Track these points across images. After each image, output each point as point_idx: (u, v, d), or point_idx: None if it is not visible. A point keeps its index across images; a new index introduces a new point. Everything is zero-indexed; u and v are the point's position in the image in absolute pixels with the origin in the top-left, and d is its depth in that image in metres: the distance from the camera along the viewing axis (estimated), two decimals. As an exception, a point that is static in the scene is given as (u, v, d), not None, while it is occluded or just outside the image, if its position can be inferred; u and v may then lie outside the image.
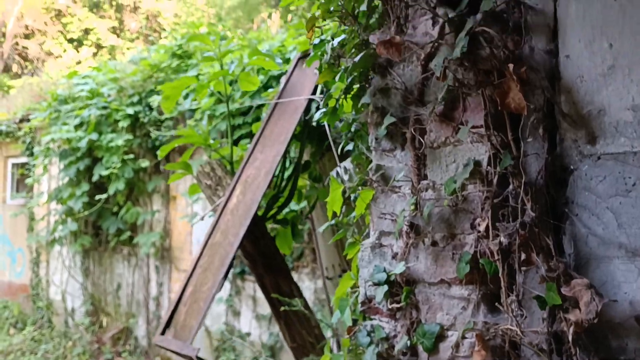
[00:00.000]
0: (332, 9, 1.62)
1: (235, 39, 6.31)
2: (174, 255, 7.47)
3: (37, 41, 27.40)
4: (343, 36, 1.71)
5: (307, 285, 5.91)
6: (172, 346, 2.29)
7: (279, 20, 12.76)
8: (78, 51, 26.95)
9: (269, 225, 2.89)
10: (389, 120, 1.55)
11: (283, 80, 3.22)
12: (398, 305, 1.52)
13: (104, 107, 7.47)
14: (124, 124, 7.12)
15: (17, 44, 27.08)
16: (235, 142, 4.38)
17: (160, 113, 7.07)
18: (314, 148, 2.78)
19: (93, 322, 8.24)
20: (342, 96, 1.68)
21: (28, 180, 8.61)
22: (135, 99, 7.30)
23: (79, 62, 25.68)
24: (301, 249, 5.86)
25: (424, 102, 1.57)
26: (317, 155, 2.81)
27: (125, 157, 7.19)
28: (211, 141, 2.82)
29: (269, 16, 13.58)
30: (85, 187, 7.73)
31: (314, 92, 2.63)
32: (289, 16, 13.00)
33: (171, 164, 2.89)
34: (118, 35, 27.96)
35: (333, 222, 2.22)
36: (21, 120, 9.59)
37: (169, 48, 7.28)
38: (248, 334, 6.47)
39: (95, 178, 7.45)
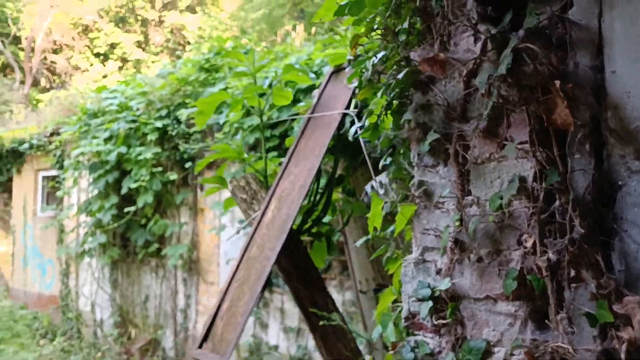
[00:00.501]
0: (375, 26, 1.64)
1: (268, 54, 6.37)
2: (201, 268, 7.52)
3: (64, 56, 27.99)
4: (383, 53, 1.72)
5: (335, 297, 5.89)
6: (210, 360, 2.31)
7: (302, 33, 12.85)
8: (104, 65, 27.46)
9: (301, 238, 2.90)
10: (432, 136, 1.56)
11: (315, 94, 3.24)
12: (444, 321, 1.52)
13: (133, 121, 7.58)
14: (152, 137, 7.21)
15: (45, 58, 27.68)
16: (263, 155, 4.43)
17: (189, 126, 7.15)
18: (347, 162, 2.80)
19: (121, 333, 8.32)
20: (384, 112, 1.70)
21: (58, 193, 8.76)
22: (164, 112, 7.40)
23: (105, 76, 26.17)
24: (329, 261, 5.86)
25: (467, 118, 1.57)
26: (351, 169, 2.82)
27: (154, 169, 7.27)
28: (245, 155, 2.86)
29: (293, 28, 13.68)
30: (114, 199, 7.84)
31: (347, 107, 2.65)
32: (313, 29, 13.09)
33: (206, 178, 2.93)
34: (143, 49, 28.43)
35: (370, 236, 2.22)
36: (51, 134, 9.78)
37: (197, 62, 7.37)
38: (276, 347, 6.48)
39: (124, 191, 7.54)
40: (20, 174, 10.98)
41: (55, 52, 27.92)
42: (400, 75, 1.57)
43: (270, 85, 2.90)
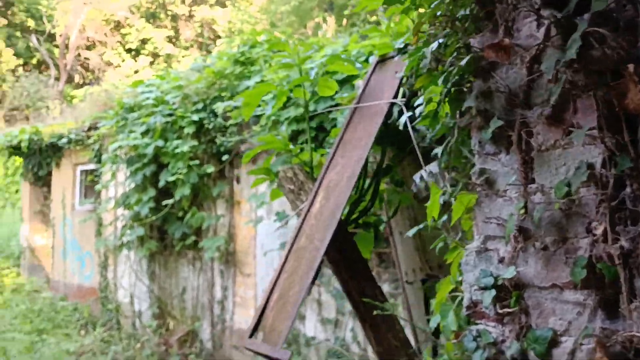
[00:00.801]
0: (439, 13, 1.63)
1: (304, 47, 6.37)
2: (238, 259, 7.58)
3: (97, 52, 28.42)
4: (441, 40, 1.71)
5: (373, 289, 5.90)
6: (262, 349, 2.32)
7: (334, 25, 12.83)
8: (136, 60, 27.83)
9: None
10: (495, 123, 1.54)
11: (359, 84, 3.23)
12: (510, 310, 1.51)
13: (169, 114, 7.66)
14: (189, 130, 7.27)
15: (79, 55, 28.15)
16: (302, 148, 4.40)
17: (225, 119, 7.19)
18: (394, 152, 2.79)
19: (160, 324, 8.44)
20: (443, 100, 1.68)
21: (97, 187, 8.90)
22: (200, 105, 7.45)
23: (136, 71, 26.53)
24: (367, 253, 5.85)
25: (530, 104, 1.55)
26: (397, 159, 2.81)
27: (191, 162, 7.34)
28: (291, 146, 2.87)
29: (324, 20, 13.65)
30: (151, 192, 7.94)
31: (395, 96, 2.63)
32: (344, 20, 13.05)
33: (254, 169, 2.95)
34: (174, 44, 28.73)
35: (422, 225, 2.21)
36: (89, 129, 9.93)
37: (232, 55, 7.40)
38: (313, 338, 6.50)
39: (161, 184, 7.63)
40: (59, 168, 11.19)
41: (88, 48, 28.40)
42: (463, 62, 1.56)
43: (315, 75, 2.90)
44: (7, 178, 18.79)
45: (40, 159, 11.43)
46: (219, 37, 26.45)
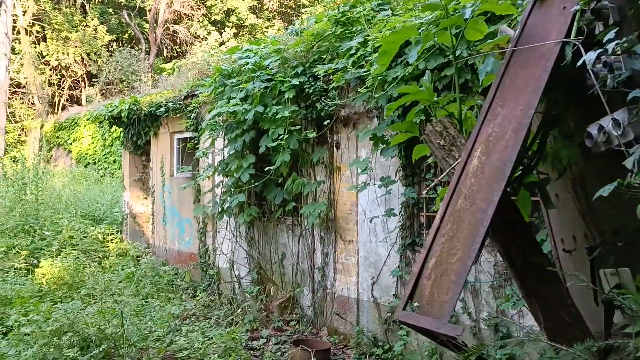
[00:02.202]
0: None
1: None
2: (338, 226, 7.41)
3: (184, 25, 28.91)
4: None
5: (486, 257, 5.56)
6: (423, 323, 2.08)
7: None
8: (220, 33, 28.10)
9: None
10: None
11: (503, 29, 2.88)
12: None
13: (268, 80, 7.50)
14: (289, 95, 7.09)
15: (167, 29, 28.73)
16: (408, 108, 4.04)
17: (326, 83, 6.95)
18: (563, 99, 2.43)
19: (260, 290, 8.44)
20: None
21: (197, 154, 8.92)
22: (299, 69, 7.24)
23: (222, 43, 26.78)
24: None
25: None
26: (563, 109, 2.45)
27: (291, 128, 7.17)
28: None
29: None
30: (251, 159, 7.87)
31: (567, 35, 2.27)
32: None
33: (397, 124, 2.68)
34: (257, 15, 28.79)
35: (615, 184, 1.88)
36: (186, 97, 9.99)
37: (332, 16, 7.11)
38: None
39: (262, 150, 7.53)
40: (157, 137, 11.38)
41: (175, 22, 28.95)
42: None
43: (471, 16, 2.56)
44: (106, 149, 19.56)
45: (139, 128, 11.67)
46: (303, 6, 26.25)
